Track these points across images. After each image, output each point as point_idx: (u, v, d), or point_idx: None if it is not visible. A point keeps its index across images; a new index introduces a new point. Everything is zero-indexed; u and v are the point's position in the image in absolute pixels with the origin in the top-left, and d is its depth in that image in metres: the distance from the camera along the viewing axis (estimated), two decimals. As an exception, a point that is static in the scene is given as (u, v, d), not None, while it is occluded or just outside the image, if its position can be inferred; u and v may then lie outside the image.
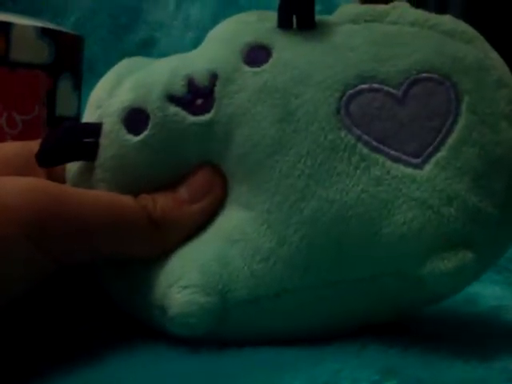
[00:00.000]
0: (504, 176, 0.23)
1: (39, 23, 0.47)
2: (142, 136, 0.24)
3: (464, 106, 0.23)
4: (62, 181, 0.26)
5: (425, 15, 0.24)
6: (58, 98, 0.47)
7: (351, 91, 0.23)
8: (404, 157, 0.22)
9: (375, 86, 0.23)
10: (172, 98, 0.24)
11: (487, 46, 0.24)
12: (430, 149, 0.22)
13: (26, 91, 0.46)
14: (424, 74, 0.23)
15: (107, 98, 0.25)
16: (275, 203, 0.23)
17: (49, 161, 0.24)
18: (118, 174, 0.24)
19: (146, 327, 0.25)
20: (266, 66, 0.24)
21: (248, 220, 0.24)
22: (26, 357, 0.23)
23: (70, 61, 0.49)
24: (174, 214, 0.24)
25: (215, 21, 0.27)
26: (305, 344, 0.23)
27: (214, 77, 0.24)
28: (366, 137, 0.23)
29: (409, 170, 0.22)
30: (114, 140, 0.24)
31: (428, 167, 0.22)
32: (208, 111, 0.24)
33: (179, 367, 0.22)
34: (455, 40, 0.24)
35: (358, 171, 0.22)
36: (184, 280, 0.23)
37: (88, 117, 0.26)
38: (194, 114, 0.24)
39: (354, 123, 0.23)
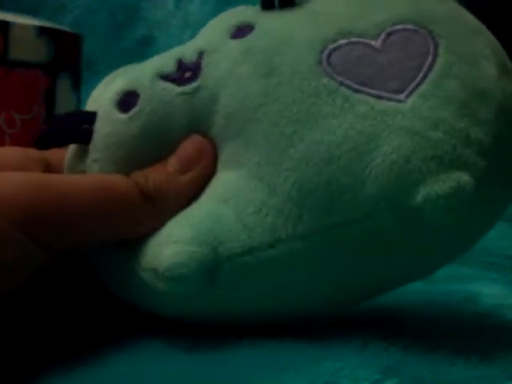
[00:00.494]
0: (491, 107, 0.23)
1: (38, 22, 0.47)
2: (131, 112, 0.25)
3: (442, 49, 0.23)
4: None
5: None
6: (57, 97, 0.47)
7: (331, 46, 0.24)
8: (386, 94, 0.23)
9: (353, 39, 0.24)
10: (162, 76, 0.25)
11: (462, 8, 0.25)
12: (412, 85, 0.23)
13: (25, 90, 0.46)
14: (399, 26, 0.24)
15: (102, 91, 0.26)
16: (264, 155, 0.23)
17: (45, 143, 0.25)
18: (110, 153, 0.25)
19: (143, 323, 0.25)
20: (249, 36, 0.25)
21: (239, 178, 0.24)
22: (25, 355, 0.23)
23: (69, 59, 0.49)
24: (167, 187, 0.24)
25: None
26: (304, 343, 0.23)
27: (201, 53, 0.25)
28: (347, 81, 0.23)
29: (393, 104, 0.22)
30: (107, 121, 0.25)
31: (411, 99, 0.22)
32: (195, 80, 0.25)
33: (178, 366, 0.22)
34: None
35: (343, 111, 0.23)
36: (174, 236, 0.23)
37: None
38: (182, 85, 0.25)
39: (335, 71, 0.23)
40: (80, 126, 0.25)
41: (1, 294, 0.22)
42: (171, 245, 0.23)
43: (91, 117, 0.25)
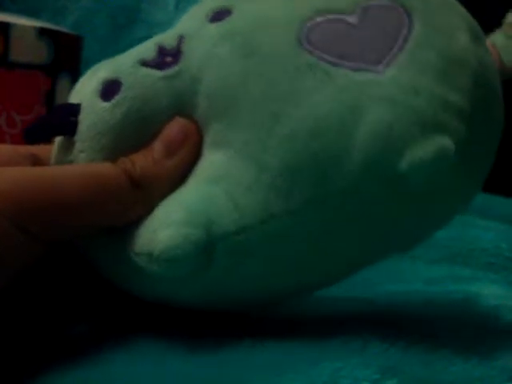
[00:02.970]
0: (467, 74, 0.23)
1: (38, 23, 0.47)
2: (114, 100, 0.25)
3: (416, 21, 0.24)
4: None
5: None
6: (57, 98, 0.47)
7: (308, 24, 0.25)
8: (365, 65, 0.23)
9: (330, 16, 0.25)
10: (143, 63, 0.25)
11: None
12: (389, 56, 0.23)
13: (25, 91, 0.46)
14: (374, 2, 0.25)
15: (85, 84, 0.26)
16: (251, 134, 0.24)
17: (33, 138, 0.25)
18: (95, 142, 0.25)
19: (142, 322, 0.25)
20: (227, 20, 0.25)
21: (227, 159, 0.24)
22: (21, 355, 0.23)
23: (69, 61, 0.49)
24: (154, 171, 0.24)
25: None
26: (304, 343, 0.23)
27: (181, 38, 0.26)
28: (326, 56, 0.24)
29: (371, 75, 0.23)
30: (91, 110, 0.25)
31: (389, 70, 0.23)
32: (176, 64, 0.25)
33: (178, 368, 0.22)
34: None
35: (325, 84, 0.23)
36: (168, 219, 0.23)
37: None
38: (163, 69, 0.25)
39: (314, 47, 0.24)
40: (65, 119, 0.25)
41: None
42: (165, 228, 0.23)
43: (76, 108, 0.25)
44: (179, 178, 0.25)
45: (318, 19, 0.25)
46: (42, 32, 0.46)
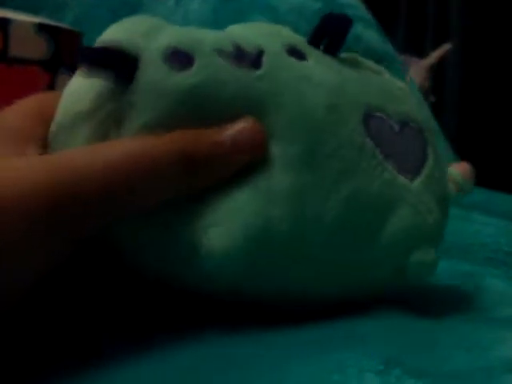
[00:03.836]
0: (446, 205, 0.30)
1: (38, 19, 0.47)
2: (184, 73, 0.25)
3: (429, 151, 0.29)
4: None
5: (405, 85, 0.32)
6: (58, 94, 0.47)
7: (371, 113, 0.28)
8: (403, 171, 0.28)
9: (384, 116, 0.29)
10: (220, 52, 0.26)
11: None
12: (417, 171, 0.29)
13: (25, 87, 0.46)
14: (411, 122, 0.30)
15: (144, 38, 0.25)
16: (316, 180, 0.26)
17: (92, 58, 0.25)
18: (150, 100, 0.24)
19: (147, 320, 0.25)
20: (306, 63, 0.27)
21: (292, 187, 0.25)
22: (32, 356, 0.23)
23: (69, 57, 0.49)
24: (216, 153, 0.24)
25: (215, 15, 0.27)
26: (311, 334, 0.24)
27: (261, 51, 0.27)
28: (379, 148, 0.28)
29: (407, 181, 0.28)
30: (153, 69, 0.25)
31: (416, 183, 0.28)
32: (257, 68, 0.26)
33: (187, 357, 0.23)
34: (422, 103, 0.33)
35: (376, 172, 0.27)
36: (224, 228, 0.24)
37: None
38: (241, 67, 0.26)
39: (370, 136, 0.28)
40: (126, 62, 0.24)
41: (20, 293, 0.21)
42: (220, 237, 0.24)
43: (134, 58, 0.24)
44: (231, 175, 0.25)
45: (377, 113, 0.28)
46: (42, 28, 0.46)
